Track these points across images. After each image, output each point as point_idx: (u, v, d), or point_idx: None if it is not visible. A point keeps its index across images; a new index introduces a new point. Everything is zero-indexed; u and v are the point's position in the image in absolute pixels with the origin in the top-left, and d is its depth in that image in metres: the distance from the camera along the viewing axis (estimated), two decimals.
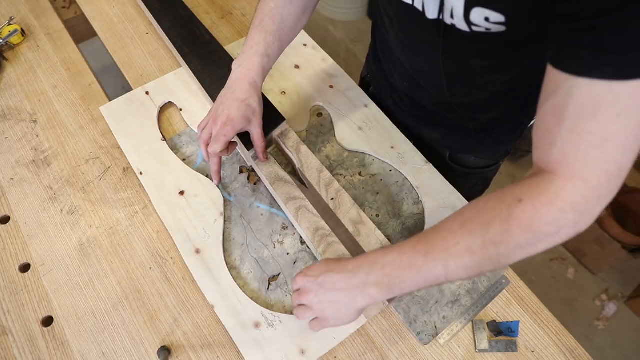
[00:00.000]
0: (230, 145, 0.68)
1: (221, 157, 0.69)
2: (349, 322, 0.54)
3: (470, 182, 0.76)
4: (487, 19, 0.48)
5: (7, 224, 0.73)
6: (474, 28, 0.51)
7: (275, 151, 0.79)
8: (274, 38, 0.66)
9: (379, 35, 0.79)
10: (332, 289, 0.51)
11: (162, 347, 0.63)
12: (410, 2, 0.55)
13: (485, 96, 0.69)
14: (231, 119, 0.63)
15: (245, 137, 0.72)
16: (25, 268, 0.70)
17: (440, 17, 0.53)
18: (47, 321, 0.66)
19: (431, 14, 0.54)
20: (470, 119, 0.74)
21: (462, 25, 0.51)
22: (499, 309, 0.66)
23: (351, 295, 0.50)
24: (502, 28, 0.49)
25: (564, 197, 0.42)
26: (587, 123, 0.39)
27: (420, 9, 0.54)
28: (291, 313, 0.65)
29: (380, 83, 0.86)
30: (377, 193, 0.76)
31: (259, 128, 0.67)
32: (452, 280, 0.46)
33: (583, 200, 0.41)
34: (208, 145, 0.66)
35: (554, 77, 0.41)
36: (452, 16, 0.51)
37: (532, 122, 0.81)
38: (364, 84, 0.95)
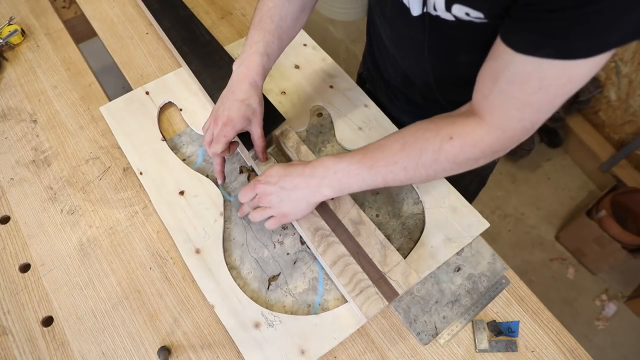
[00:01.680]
0: (232, 145, 0.68)
1: (224, 157, 0.69)
2: (304, 215, 0.64)
3: (465, 180, 0.77)
4: (467, 14, 0.50)
5: (7, 224, 0.73)
6: (458, 17, 0.53)
7: (275, 151, 0.79)
8: (273, 37, 0.66)
9: (374, 31, 0.80)
10: (293, 188, 0.60)
11: (162, 347, 0.63)
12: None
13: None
14: (231, 119, 0.64)
15: (245, 137, 0.72)
16: (25, 268, 0.70)
17: (425, 10, 0.55)
18: (47, 321, 0.66)
19: (415, 10, 0.55)
20: None
21: (447, 16, 0.53)
22: (499, 309, 0.66)
23: (310, 193, 0.60)
24: (483, 20, 0.51)
25: (486, 141, 0.53)
26: (514, 90, 0.48)
27: (407, 4, 0.56)
28: (291, 313, 0.65)
29: (375, 79, 0.86)
30: (377, 193, 0.76)
31: (259, 128, 0.67)
32: (388, 186, 0.59)
33: (499, 144, 0.53)
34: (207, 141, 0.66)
35: (499, 46, 0.48)
36: (434, 9, 0.53)
37: None
38: (361, 81, 0.95)
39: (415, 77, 0.73)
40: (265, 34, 0.66)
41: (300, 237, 0.71)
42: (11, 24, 0.95)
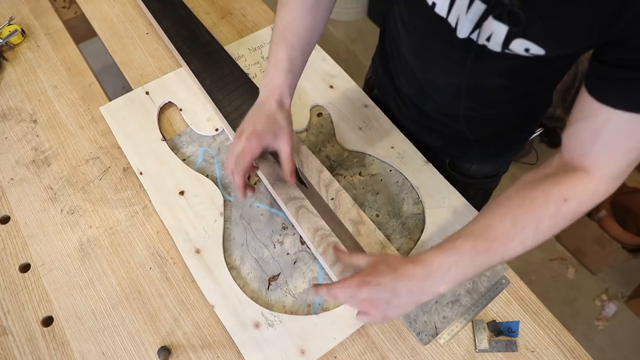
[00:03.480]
0: (252, 170, 0.65)
1: (247, 173, 0.63)
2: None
3: (469, 193, 0.75)
4: (527, 50, 0.48)
5: (7, 224, 0.73)
6: (507, 52, 0.50)
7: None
8: (296, 52, 0.64)
9: (390, 38, 0.77)
10: (405, 294, 0.52)
11: (162, 347, 0.63)
12: (444, 16, 0.53)
13: (493, 112, 0.69)
14: (256, 132, 0.60)
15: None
16: (25, 268, 0.70)
17: (472, 36, 0.52)
18: (47, 321, 0.66)
19: (463, 33, 0.52)
20: (473, 131, 0.74)
21: (495, 48, 0.50)
22: (499, 309, 0.66)
23: (424, 295, 0.53)
24: (537, 57, 0.49)
25: (600, 192, 0.51)
26: (619, 141, 0.47)
27: (453, 24, 0.52)
28: (291, 313, 0.65)
29: (385, 85, 0.85)
30: (377, 193, 0.76)
31: (288, 146, 0.62)
32: (506, 261, 0.54)
33: (612, 189, 0.51)
34: (229, 161, 0.62)
35: (591, 104, 0.47)
36: (487, 40, 0.50)
37: (534, 135, 0.82)
38: (368, 87, 0.94)
39: (435, 91, 0.70)
40: (288, 49, 0.63)
41: (300, 237, 0.71)
42: (11, 24, 0.95)
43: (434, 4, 0.53)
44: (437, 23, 0.54)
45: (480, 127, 0.73)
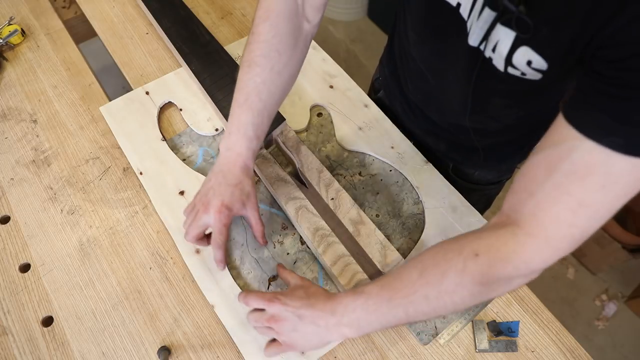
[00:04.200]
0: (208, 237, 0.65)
1: (225, 246, 0.64)
2: (311, 350, 0.59)
3: (472, 199, 0.75)
4: (529, 63, 0.47)
5: (7, 224, 0.73)
6: (510, 70, 0.49)
7: (275, 151, 0.79)
8: (262, 117, 0.62)
9: (400, 44, 0.76)
10: (310, 323, 0.53)
11: (162, 347, 0.63)
12: (466, 18, 0.51)
13: (498, 125, 0.69)
14: (226, 205, 0.60)
15: None
16: (25, 268, 0.70)
17: (481, 47, 0.51)
18: (47, 321, 0.66)
19: (473, 40, 0.52)
20: (478, 140, 0.74)
21: (499, 63, 0.50)
22: (499, 309, 0.66)
23: (327, 332, 0.53)
24: (538, 76, 0.48)
25: (522, 254, 0.44)
26: (572, 185, 0.40)
27: (468, 29, 0.52)
28: None
29: (392, 88, 0.84)
30: (377, 193, 0.76)
31: (256, 212, 0.64)
32: (414, 321, 0.53)
33: (539, 259, 0.44)
34: (194, 233, 0.62)
35: (560, 129, 0.41)
36: (493, 50, 0.49)
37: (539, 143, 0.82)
38: (374, 88, 0.93)
39: (442, 100, 0.70)
40: (253, 115, 0.61)
41: (300, 237, 0.71)
42: (11, 24, 0.95)
43: (458, 4, 0.51)
44: (456, 26, 0.53)
45: (485, 137, 0.73)
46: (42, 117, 0.84)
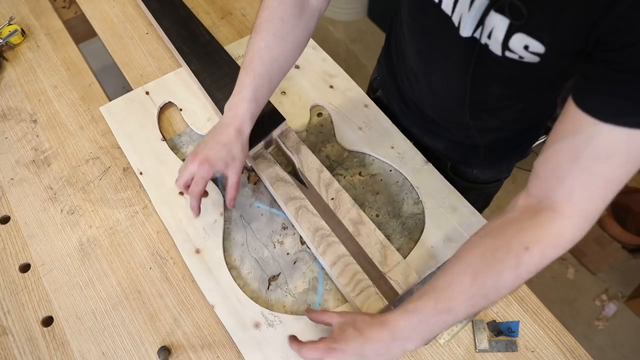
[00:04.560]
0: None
1: (201, 196, 0.66)
2: None
3: (470, 197, 0.75)
4: (526, 47, 0.47)
5: (7, 224, 0.73)
6: (507, 54, 0.50)
7: (275, 151, 0.79)
8: (262, 80, 0.64)
9: (396, 41, 0.77)
10: (374, 357, 0.52)
11: (162, 347, 0.63)
12: (450, 14, 0.53)
13: (495, 120, 0.69)
14: (209, 159, 0.62)
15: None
16: (25, 268, 0.70)
17: (476, 34, 0.51)
18: (47, 321, 0.66)
19: (466, 31, 0.52)
20: (476, 137, 0.74)
21: (496, 48, 0.50)
22: (499, 309, 0.66)
23: (392, 355, 0.53)
24: (535, 59, 0.48)
25: (568, 236, 0.46)
26: (599, 167, 0.42)
27: (456, 23, 0.52)
28: (291, 313, 0.65)
29: (389, 88, 0.84)
30: (377, 193, 0.76)
31: (236, 176, 0.65)
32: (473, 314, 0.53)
33: (580, 233, 0.47)
34: (182, 180, 0.64)
35: (575, 117, 0.43)
36: (489, 37, 0.50)
37: (537, 142, 0.82)
38: (372, 88, 0.93)
39: (439, 95, 0.70)
40: (255, 77, 0.64)
41: (300, 237, 0.71)
42: (11, 24, 0.95)
43: (440, 1, 0.53)
44: (441, 22, 0.54)
45: (483, 133, 0.73)
46: (42, 117, 0.84)
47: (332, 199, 0.71)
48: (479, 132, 0.72)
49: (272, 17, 0.63)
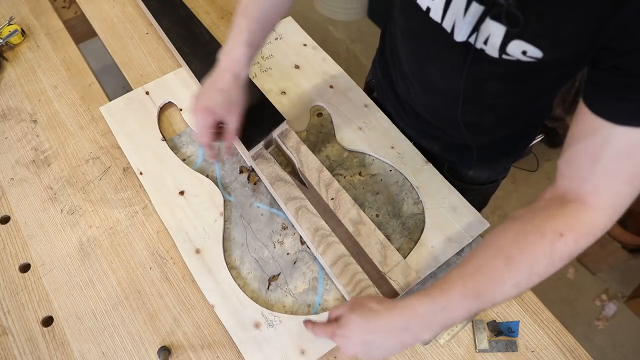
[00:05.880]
0: (227, 147, 0.69)
1: (213, 140, 0.66)
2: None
3: (467, 198, 0.74)
4: (524, 52, 0.47)
5: (7, 224, 0.73)
6: (505, 57, 0.50)
7: (275, 151, 0.79)
8: (258, 25, 0.64)
9: (390, 43, 0.77)
10: (382, 345, 0.50)
11: (162, 347, 0.63)
12: (439, 22, 0.53)
13: (492, 119, 0.69)
14: (208, 107, 0.63)
15: (245, 138, 0.72)
16: (25, 268, 0.70)
17: (470, 40, 0.51)
18: (47, 321, 0.66)
19: (460, 37, 0.52)
20: (472, 137, 0.73)
21: (492, 52, 0.50)
22: (499, 309, 0.66)
23: (405, 343, 0.50)
24: (534, 60, 0.48)
25: (599, 226, 0.47)
26: (621, 165, 0.44)
27: (449, 29, 0.52)
28: (291, 313, 0.65)
29: (385, 89, 0.84)
30: (377, 193, 0.76)
31: (236, 122, 0.65)
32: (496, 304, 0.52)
33: (610, 223, 0.48)
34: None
35: (590, 121, 0.44)
36: (485, 43, 0.50)
37: (533, 142, 0.81)
38: (368, 89, 0.94)
39: (433, 96, 0.70)
40: (249, 22, 0.64)
41: (300, 237, 0.71)
42: (11, 24, 0.95)
43: (428, 9, 0.53)
44: (432, 29, 0.54)
45: (479, 133, 0.73)
46: (42, 117, 0.84)
47: (332, 199, 0.71)
48: (474, 132, 0.72)
49: None
